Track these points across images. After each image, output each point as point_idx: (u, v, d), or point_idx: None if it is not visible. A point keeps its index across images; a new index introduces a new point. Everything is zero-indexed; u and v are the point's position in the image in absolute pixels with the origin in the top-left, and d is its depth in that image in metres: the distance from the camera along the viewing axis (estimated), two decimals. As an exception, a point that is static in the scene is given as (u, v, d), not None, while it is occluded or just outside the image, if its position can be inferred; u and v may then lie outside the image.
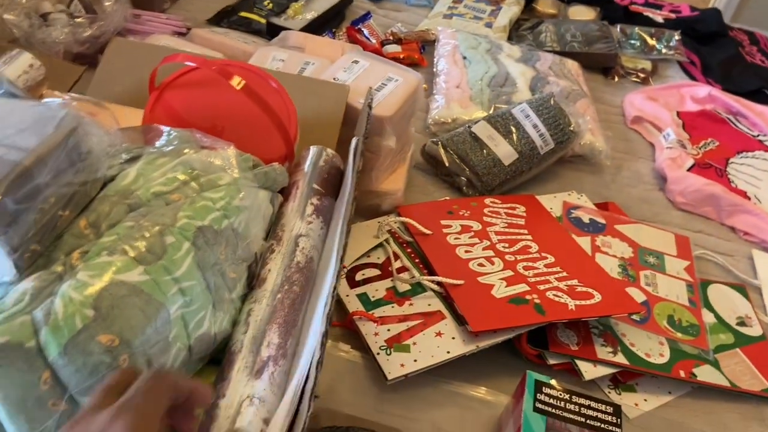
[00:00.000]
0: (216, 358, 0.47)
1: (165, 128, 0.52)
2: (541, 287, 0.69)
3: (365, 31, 1.18)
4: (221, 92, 0.58)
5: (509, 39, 1.24)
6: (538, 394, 0.55)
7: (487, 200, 0.85)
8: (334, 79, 0.78)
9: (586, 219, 0.84)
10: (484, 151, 0.88)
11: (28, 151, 0.39)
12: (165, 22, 1.05)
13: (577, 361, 0.65)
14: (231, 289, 0.47)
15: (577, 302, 0.66)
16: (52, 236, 0.41)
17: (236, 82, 0.51)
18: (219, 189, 0.49)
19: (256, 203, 0.53)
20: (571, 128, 0.90)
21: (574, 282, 0.70)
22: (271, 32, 1.09)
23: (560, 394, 0.55)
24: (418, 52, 1.15)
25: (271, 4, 1.16)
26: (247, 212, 0.51)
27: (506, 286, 0.69)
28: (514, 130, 0.89)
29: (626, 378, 0.66)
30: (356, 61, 0.81)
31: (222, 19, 1.14)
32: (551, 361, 0.65)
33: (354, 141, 0.55)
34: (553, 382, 0.57)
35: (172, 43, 0.89)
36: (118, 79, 0.72)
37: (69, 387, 0.37)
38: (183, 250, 0.44)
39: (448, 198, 0.87)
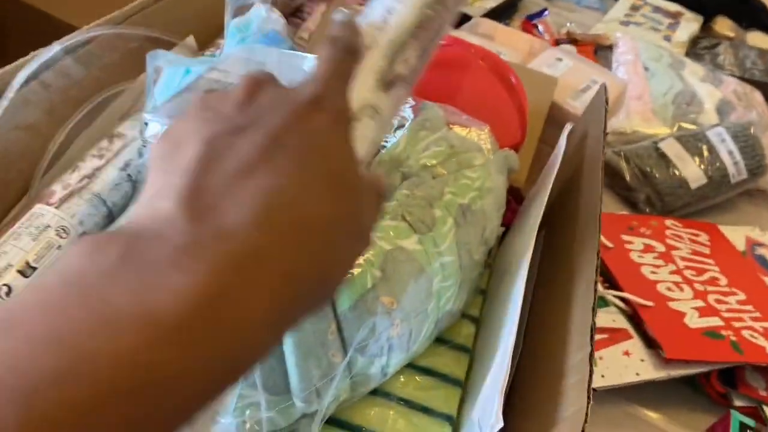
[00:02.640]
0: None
1: (421, 101, 0.51)
2: (736, 324, 0.65)
3: (540, 27, 1.15)
4: (464, 71, 0.57)
5: (686, 56, 1.18)
6: (744, 437, 0.52)
7: (668, 221, 0.81)
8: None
9: (773, 259, 0.79)
10: (671, 170, 0.84)
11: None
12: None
13: (765, 407, 0.61)
14: (473, 270, 0.47)
15: (778, 347, 0.62)
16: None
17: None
18: (475, 168, 0.48)
19: (499, 187, 0.52)
20: (767, 161, 0.84)
21: (772, 325, 0.66)
22: (449, 15, 1.08)
23: (769, 441, 0.52)
24: (592, 55, 1.11)
25: (451, -13, 1.15)
26: (493, 195, 0.50)
27: (699, 317, 0.65)
28: (705, 153, 0.84)
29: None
30: (560, 59, 0.78)
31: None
32: (737, 403, 0.62)
33: (567, 127, 0.53)
34: (757, 426, 0.54)
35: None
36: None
37: (348, 342, 0.37)
38: (447, 225, 0.43)
39: (626, 213, 0.84)
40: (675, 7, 1.29)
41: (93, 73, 0.52)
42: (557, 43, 1.13)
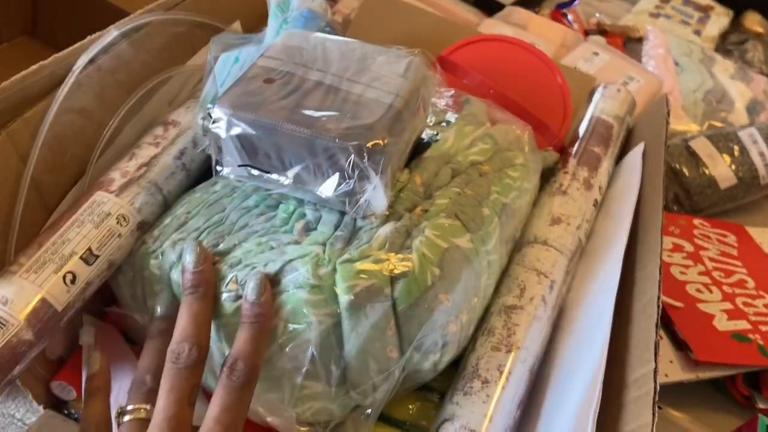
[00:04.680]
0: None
1: (464, 94, 0.51)
2: (763, 328, 0.66)
3: (570, 17, 1.14)
4: (510, 66, 0.57)
5: (715, 51, 1.17)
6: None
7: (696, 221, 0.81)
8: (574, 67, 0.76)
9: (801, 263, 0.79)
10: (701, 169, 0.83)
11: (396, 95, 0.39)
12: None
13: (789, 412, 0.62)
14: (503, 267, 0.47)
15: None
16: (394, 182, 0.42)
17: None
18: (516, 168, 0.49)
19: (535, 187, 0.52)
20: (798, 164, 0.84)
21: (800, 330, 0.66)
22: (480, 2, 1.07)
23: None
24: (622, 47, 1.10)
25: (480, -25, 1.13)
26: (530, 195, 0.51)
27: (727, 320, 0.66)
28: (737, 153, 0.84)
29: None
30: (596, 53, 0.78)
31: (431, -21, 1.12)
32: (761, 405, 0.62)
33: (641, 147, 0.53)
34: (785, 431, 0.54)
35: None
36: (371, 33, 0.72)
37: (406, 338, 0.38)
38: (493, 224, 0.44)
39: (654, 210, 0.84)
40: (706, 1, 1.28)
41: (141, 57, 0.52)
42: (587, 33, 1.12)
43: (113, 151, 0.47)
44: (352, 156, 0.36)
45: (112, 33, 0.45)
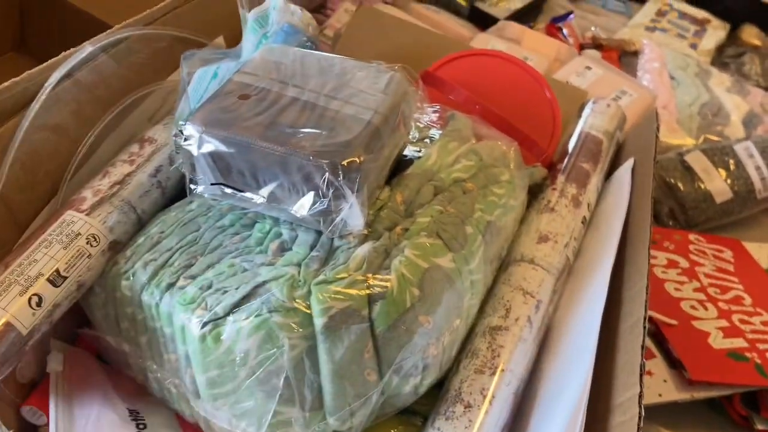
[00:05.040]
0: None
1: (449, 110, 0.50)
2: (761, 346, 0.64)
3: (565, 31, 1.13)
4: (498, 80, 0.56)
5: (711, 65, 1.17)
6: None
7: (691, 236, 0.80)
8: (566, 82, 0.75)
9: (799, 279, 0.78)
10: (696, 183, 0.82)
11: (375, 111, 0.39)
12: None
13: (788, 433, 0.60)
14: (488, 286, 0.46)
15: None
16: (373, 201, 0.40)
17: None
18: (501, 185, 0.47)
19: (521, 203, 0.51)
20: (795, 178, 0.83)
21: (799, 349, 0.65)
22: (473, 17, 1.07)
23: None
24: (617, 61, 1.10)
25: (474, -11, 1.13)
26: (516, 212, 0.50)
27: (723, 337, 0.64)
28: (732, 167, 0.83)
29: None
30: (589, 68, 0.77)
31: (424, -5, 1.12)
32: (759, 427, 0.61)
33: (630, 162, 0.52)
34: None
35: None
36: (361, 48, 0.71)
37: (384, 362, 0.36)
38: (477, 243, 0.42)
39: (649, 225, 0.82)
40: (702, 14, 1.27)
41: (121, 72, 0.51)
42: (582, 47, 1.11)
43: (88, 169, 0.46)
44: (327, 174, 0.35)
45: (86, 48, 0.44)
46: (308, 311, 0.35)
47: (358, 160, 0.36)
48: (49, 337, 0.42)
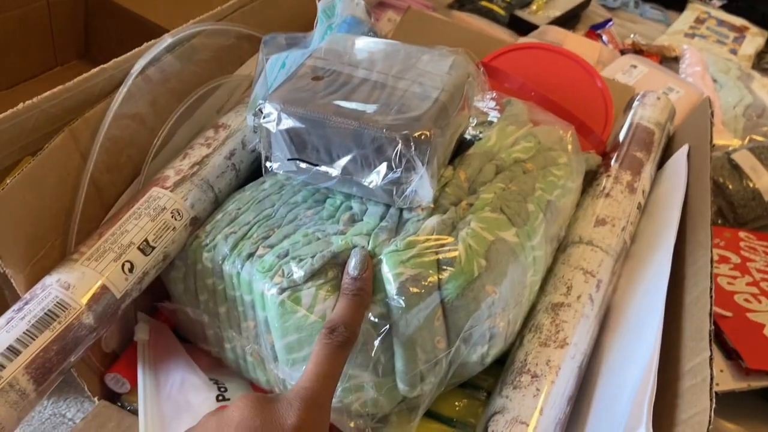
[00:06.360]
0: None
1: (505, 97, 0.52)
2: (818, 338, 0.63)
3: (604, 38, 1.14)
4: (550, 72, 0.58)
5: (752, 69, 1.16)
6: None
7: (741, 234, 0.79)
8: (613, 79, 0.76)
9: None
10: (744, 181, 0.82)
11: (442, 90, 0.40)
12: (416, 1, 1.07)
13: None
14: (548, 265, 0.47)
15: None
16: (438, 177, 0.42)
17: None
18: (560, 166, 0.49)
19: (578, 187, 0.52)
20: None
21: None
22: (513, 24, 1.08)
23: None
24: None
25: (511, -2, 1.15)
26: (573, 195, 0.51)
27: (779, 329, 0.64)
28: (781, 165, 0.82)
29: None
30: (635, 66, 0.78)
31: (463, 4, 1.15)
32: (819, 419, 0.60)
33: (685, 149, 0.53)
34: None
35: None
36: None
37: (453, 329, 0.38)
38: (539, 220, 0.44)
39: (697, 223, 0.82)
40: (740, 21, 1.27)
41: (189, 68, 0.54)
42: (622, 53, 1.12)
43: (166, 154, 0.49)
44: (399, 146, 0.37)
45: (166, 40, 0.47)
46: (379, 279, 0.37)
47: (428, 134, 0.38)
48: (134, 312, 0.45)
